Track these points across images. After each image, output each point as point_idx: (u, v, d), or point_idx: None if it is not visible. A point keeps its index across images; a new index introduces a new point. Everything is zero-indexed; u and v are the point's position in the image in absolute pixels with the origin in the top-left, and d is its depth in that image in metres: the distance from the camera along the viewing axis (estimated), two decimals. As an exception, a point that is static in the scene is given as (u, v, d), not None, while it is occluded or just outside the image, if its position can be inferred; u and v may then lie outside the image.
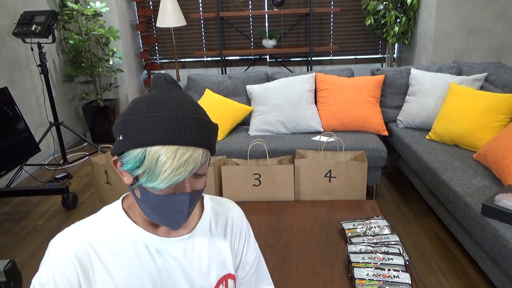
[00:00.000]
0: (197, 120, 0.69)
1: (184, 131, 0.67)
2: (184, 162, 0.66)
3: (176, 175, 0.66)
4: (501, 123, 2.48)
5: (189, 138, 0.67)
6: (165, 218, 0.74)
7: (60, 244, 0.77)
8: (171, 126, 0.66)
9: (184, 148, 0.67)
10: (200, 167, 0.70)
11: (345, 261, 1.46)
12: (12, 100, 2.93)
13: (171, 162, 0.66)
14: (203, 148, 0.69)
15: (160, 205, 0.72)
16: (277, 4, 4.33)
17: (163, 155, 0.66)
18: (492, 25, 3.79)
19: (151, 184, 0.68)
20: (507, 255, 1.71)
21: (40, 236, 2.68)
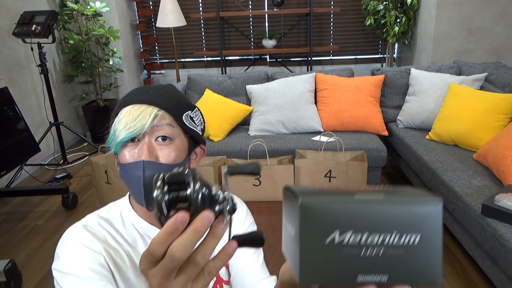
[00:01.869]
0: (157, 88, 0.77)
1: (140, 94, 0.75)
2: (136, 116, 0.72)
3: (129, 128, 0.71)
4: (501, 123, 2.48)
5: (143, 97, 0.74)
6: (132, 192, 0.75)
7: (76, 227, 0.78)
8: (131, 93, 0.77)
9: (137, 105, 0.73)
10: (157, 125, 0.72)
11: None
12: (12, 100, 2.93)
13: (126, 118, 0.72)
14: (158, 107, 0.73)
15: (125, 177, 0.74)
16: (277, 4, 4.33)
17: (121, 114, 0.74)
18: (492, 25, 3.79)
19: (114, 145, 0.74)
20: (507, 255, 1.71)
21: (40, 236, 2.68)
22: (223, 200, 0.43)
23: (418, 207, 0.38)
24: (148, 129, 0.72)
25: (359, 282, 0.38)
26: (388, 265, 0.38)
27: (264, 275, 0.90)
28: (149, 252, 0.40)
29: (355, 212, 0.38)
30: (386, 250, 0.38)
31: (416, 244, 0.38)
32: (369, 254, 0.38)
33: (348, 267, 0.38)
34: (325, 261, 0.38)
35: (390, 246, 0.38)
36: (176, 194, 0.42)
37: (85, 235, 0.77)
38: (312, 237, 0.38)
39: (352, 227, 0.38)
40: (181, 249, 0.39)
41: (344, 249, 0.38)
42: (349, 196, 0.39)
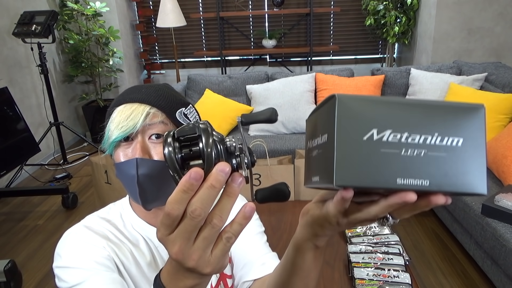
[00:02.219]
0: (150, 86, 0.77)
1: (132, 92, 0.75)
2: (128, 115, 0.71)
3: (122, 127, 0.71)
4: (501, 123, 2.48)
5: (134, 96, 0.74)
6: (128, 191, 0.74)
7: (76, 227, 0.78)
8: (127, 91, 0.76)
9: (129, 104, 0.73)
10: (150, 124, 0.72)
11: (345, 261, 1.46)
12: (12, 100, 2.93)
13: (119, 117, 0.72)
14: (150, 105, 0.73)
15: (120, 176, 0.73)
16: (277, 4, 4.33)
17: (115, 113, 0.73)
18: (492, 25, 3.79)
19: (108, 143, 0.73)
20: (507, 255, 1.71)
21: (40, 236, 2.68)
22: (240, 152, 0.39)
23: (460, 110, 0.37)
24: (141, 127, 0.71)
25: (398, 185, 0.36)
26: (429, 169, 0.36)
27: (267, 250, 0.89)
28: (166, 215, 0.38)
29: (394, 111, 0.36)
30: (428, 151, 0.36)
31: (458, 147, 0.37)
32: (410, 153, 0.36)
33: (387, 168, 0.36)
34: (363, 159, 0.36)
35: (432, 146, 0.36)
36: (188, 150, 0.38)
37: (87, 233, 0.76)
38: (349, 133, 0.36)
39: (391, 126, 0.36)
40: (199, 206, 0.37)
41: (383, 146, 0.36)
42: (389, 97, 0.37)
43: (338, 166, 0.36)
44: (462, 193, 0.37)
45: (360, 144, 0.36)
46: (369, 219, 0.43)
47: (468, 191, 0.37)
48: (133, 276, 0.76)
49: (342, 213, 0.44)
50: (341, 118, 0.36)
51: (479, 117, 0.37)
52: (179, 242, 0.38)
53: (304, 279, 0.61)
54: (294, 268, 0.60)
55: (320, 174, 0.40)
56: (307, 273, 0.60)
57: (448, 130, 0.37)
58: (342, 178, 0.36)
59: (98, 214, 0.82)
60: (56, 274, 0.73)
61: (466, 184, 0.37)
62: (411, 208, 0.40)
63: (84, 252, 0.72)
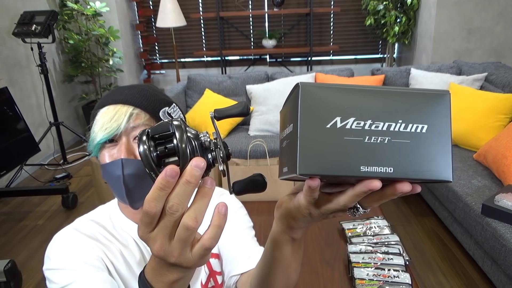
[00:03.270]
0: (132, 87, 0.76)
1: (115, 94, 0.75)
2: (112, 116, 0.71)
3: (106, 129, 0.71)
4: (501, 123, 2.48)
5: (117, 97, 0.74)
6: (115, 192, 0.74)
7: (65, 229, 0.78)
8: (111, 92, 0.76)
9: (112, 106, 0.73)
10: (135, 126, 0.72)
11: (345, 261, 1.46)
12: (12, 100, 2.93)
13: (102, 119, 0.72)
14: (133, 106, 0.73)
15: (106, 177, 0.73)
16: (277, 4, 4.33)
17: (99, 115, 0.73)
18: (492, 25, 3.79)
19: (92, 147, 0.74)
20: (507, 255, 1.71)
21: (40, 236, 2.68)
22: (215, 147, 0.40)
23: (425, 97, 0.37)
24: (124, 128, 0.72)
25: (362, 173, 0.35)
26: (393, 156, 0.36)
27: (254, 245, 0.89)
28: (144, 213, 0.38)
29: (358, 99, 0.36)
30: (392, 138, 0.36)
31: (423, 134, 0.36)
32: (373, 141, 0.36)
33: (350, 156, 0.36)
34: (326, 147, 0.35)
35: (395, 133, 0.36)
36: (163, 147, 0.38)
37: (76, 234, 0.77)
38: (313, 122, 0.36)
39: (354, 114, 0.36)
40: (176, 202, 0.37)
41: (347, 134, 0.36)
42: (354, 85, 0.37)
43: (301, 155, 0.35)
44: (427, 180, 0.37)
45: (323, 132, 0.36)
46: (340, 209, 0.43)
47: (433, 178, 0.37)
48: (123, 276, 0.77)
49: (313, 204, 0.44)
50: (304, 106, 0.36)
51: (444, 104, 0.37)
52: (160, 239, 0.39)
53: (285, 271, 0.62)
54: (273, 261, 0.61)
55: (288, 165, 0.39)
56: (287, 265, 0.61)
57: (412, 117, 0.36)
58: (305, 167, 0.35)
59: (88, 216, 0.83)
60: (46, 276, 0.73)
61: (431, 171, 0.36)
62: (378, 197, 0.40)
63: (73, 253, 0.73)
